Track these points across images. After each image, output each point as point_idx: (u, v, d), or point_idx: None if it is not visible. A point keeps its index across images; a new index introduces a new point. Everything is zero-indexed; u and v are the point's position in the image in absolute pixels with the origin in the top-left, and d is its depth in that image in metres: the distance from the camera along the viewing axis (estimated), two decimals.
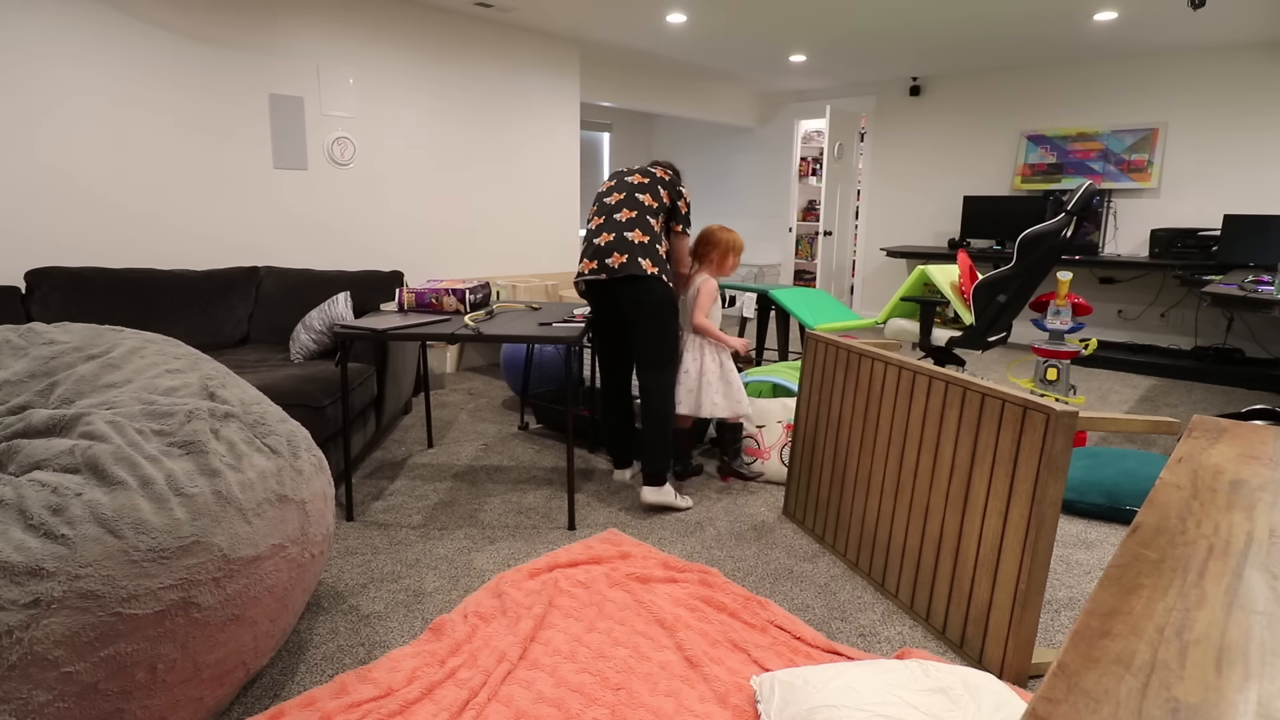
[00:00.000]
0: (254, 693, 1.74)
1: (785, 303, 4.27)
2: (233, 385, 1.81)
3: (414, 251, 4.94)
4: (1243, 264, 5.16)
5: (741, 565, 2.41)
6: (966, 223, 6.51)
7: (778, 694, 1.59)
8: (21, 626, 1.17)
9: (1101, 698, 0.57)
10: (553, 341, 2.47)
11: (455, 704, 1.64)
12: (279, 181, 4.23)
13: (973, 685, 1.52)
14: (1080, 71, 6.16)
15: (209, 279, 3.64)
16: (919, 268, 3.70)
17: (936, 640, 2.01)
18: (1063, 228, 3.17)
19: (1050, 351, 3.43)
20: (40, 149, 3.42)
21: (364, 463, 3.29)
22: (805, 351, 2.74)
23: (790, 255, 8.08)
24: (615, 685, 1.73)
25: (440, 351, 5.00)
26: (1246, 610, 0.72)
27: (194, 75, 3.84)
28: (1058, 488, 1.72)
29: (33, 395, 1.60)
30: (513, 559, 2.42)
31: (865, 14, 4.82)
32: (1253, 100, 5.46)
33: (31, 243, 3.44)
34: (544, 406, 3.73)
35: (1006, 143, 6.61)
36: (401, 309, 2.98)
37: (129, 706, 1.32)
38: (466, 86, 5.05)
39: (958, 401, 1.99)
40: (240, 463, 1.57)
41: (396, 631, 2.00)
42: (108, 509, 1.32)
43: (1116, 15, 4.72)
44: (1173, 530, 0.90)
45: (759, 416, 3.11)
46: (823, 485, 2.59)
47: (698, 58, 6.25)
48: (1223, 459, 1.17)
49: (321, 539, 1.79)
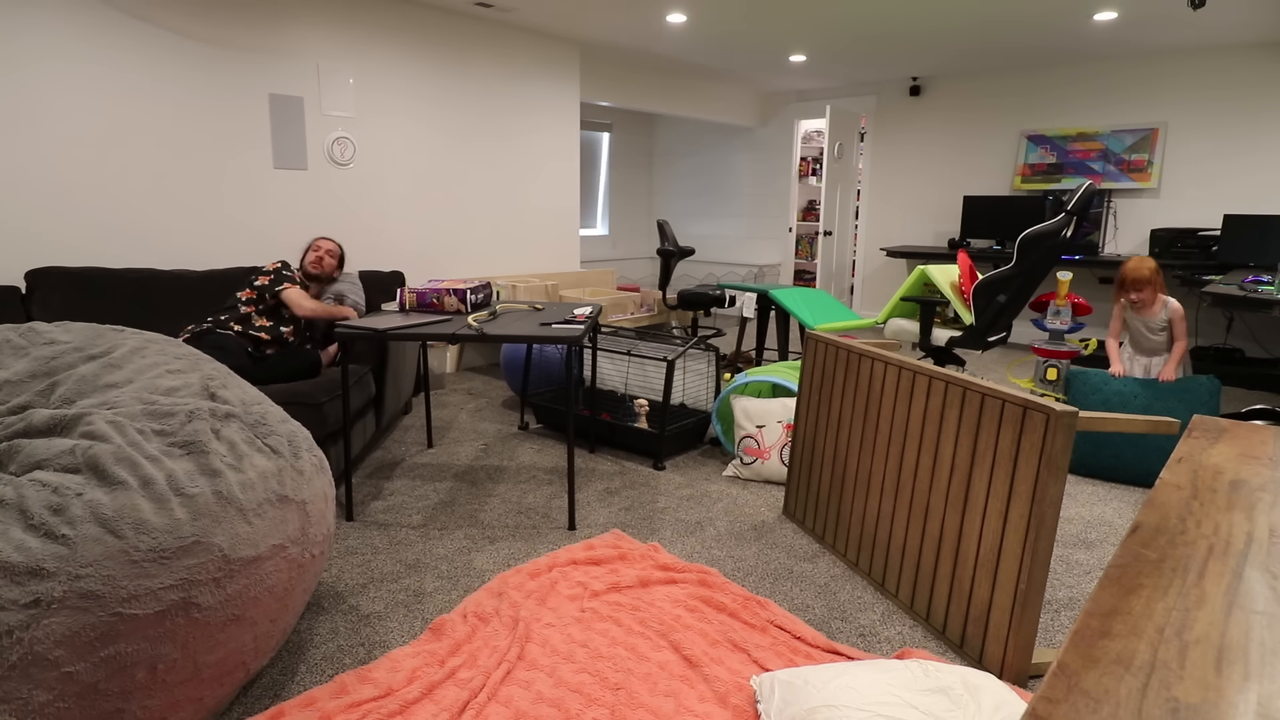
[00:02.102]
0: (254, 693, 1.74)
1: (785, 303, 4.27)
2: (233, 385, 1.81)
3: (414, 251, 4.94)
4: (1243, 264, 5.16)
5: (741, 565, 2.41)
6: (966, 223, 6.52)
7: (778, 694, 1.59)
8: (22, 626, 1.17)
9: (1101, 698, 0.57)
10: (554, 341, 2.47)
11: (455, 704, 1.65)
12: (279, 181, 4.23)
13: (973, 685, 1.52)
14: (1080, 71, 6.16)
15: (209, 279, 3.64)
16: (919, 268, 3.70)
17: (936, 640, 2.01)
18: (1063, 228, 3.17)
19: (1050, 351, 3.43)
20: (40, 149, 3.42)
21: (364, 463, 3.29)
22: (805, 351, 2.74)
23: (790, 255, 8.08)
24: (615, 685, 1.73)
25: (440, 351, 5.00)
26: (1246, 610, 0.72)
27: (194, 75, 3.84)
28: (1058, 488, 1.72)
29: (33, 395, 1.60)
30: (513, 559, 2.42)
31: (865, 14, 4.82)
32: (1253, 100, 5.46)
33: (31, 243, 3.44)
34: (544, 406, 3.73)
35: (1006, 143, 6.61)
36: (403, 309, 2.98)
37: (129, 707, 1.32)
38: (467, 86, 5.05)
39: (958, 401, 1.99)
40: (241, 463, 1.57)
41: (396, 631, 2.00)
42: (108, 509, 1.32)
43: (1116, 15, 4.72)
44: (1173, 530, 0.90)
45: (759, 416, 3.11)
46: (823, 485, 2.59)
47: (698, 58, 6.25)
48: (1223, 459, 1.17)
49: (322, 539, 1.79)
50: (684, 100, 7.13)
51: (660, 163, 9.11)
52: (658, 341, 3.87)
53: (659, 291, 6.14)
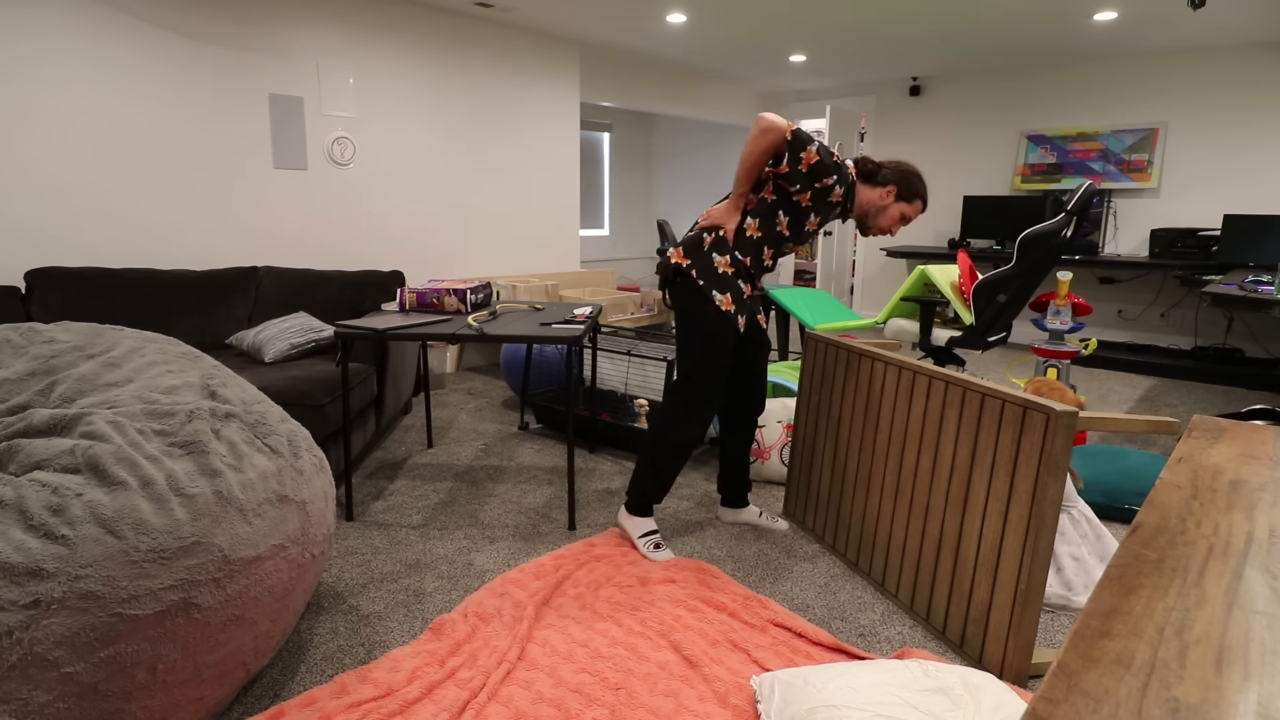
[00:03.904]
0: (254, 693, 1.74)
1: (785, 303, 4.27)
2: (233, 385, 1.81)
3: (414, 251, 4.94)
4: (1243, 264, 5.16)
5: (741, 565, 2.41)
6: (966, 223, 6.51)
7: (778, 694, 1.59)
8: (21, 627, 1.17)
9: (1101, 698, 0.57)
10: (554, 341, 2.47)
11: (455, 704, 1.64)
12: (279, 181, 4.23)
13: (973, 685, 1.52)
14: (1080, 71, 6.16)
15: (209, 279, 3.64)
16: (919, 268, 3.70)
17: (936, 640, 2.01)
18: (1063, 228, 3.17)
19: (1050, 351, 3.43)
20: (40, 149, 3.42)
21: (364, 463, 3.29)
22: (805, 351, 2.74)
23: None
24: (615, 685, 1.73)
25: (440, 351, 5.00)
26: (1246, 610, 0.72)
27: (194, 75, 3.84)
28: (1058, 488, 1.71)
29: (33, 395, 1.60)
30: (513, 559, 2.42)
31: (865, 14, 4.82)
32: (1253, 100, 5.46)
33: (31, 243, 3.44)
34: (544, 406, 3.73)
35: (1006, 143, 6.61)
36: (403, 309, 2.98)
37: (129, 707, 1.32)
38: (467, 86, 5.05)
39: (958, 401, 1.99)
40: (241, 463, 1.57)
41: (396, 631, 2.00)
42: (108, 509, 1.32)
43: (1116, 15, 4.72)
44: (1173, 530, 0.90)
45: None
46: (823, 485, 2.59)
47: (697, 58, 6.25)
48: (1223, 459, 1.17)
49: (322, 539, 1.79)
50: (684, 100, 7.12)
51: (660, 163, 9.10)
52: (658, 341, 3.87)
53: (659, 291, 6.14)
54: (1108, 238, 6.15)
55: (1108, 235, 6.15)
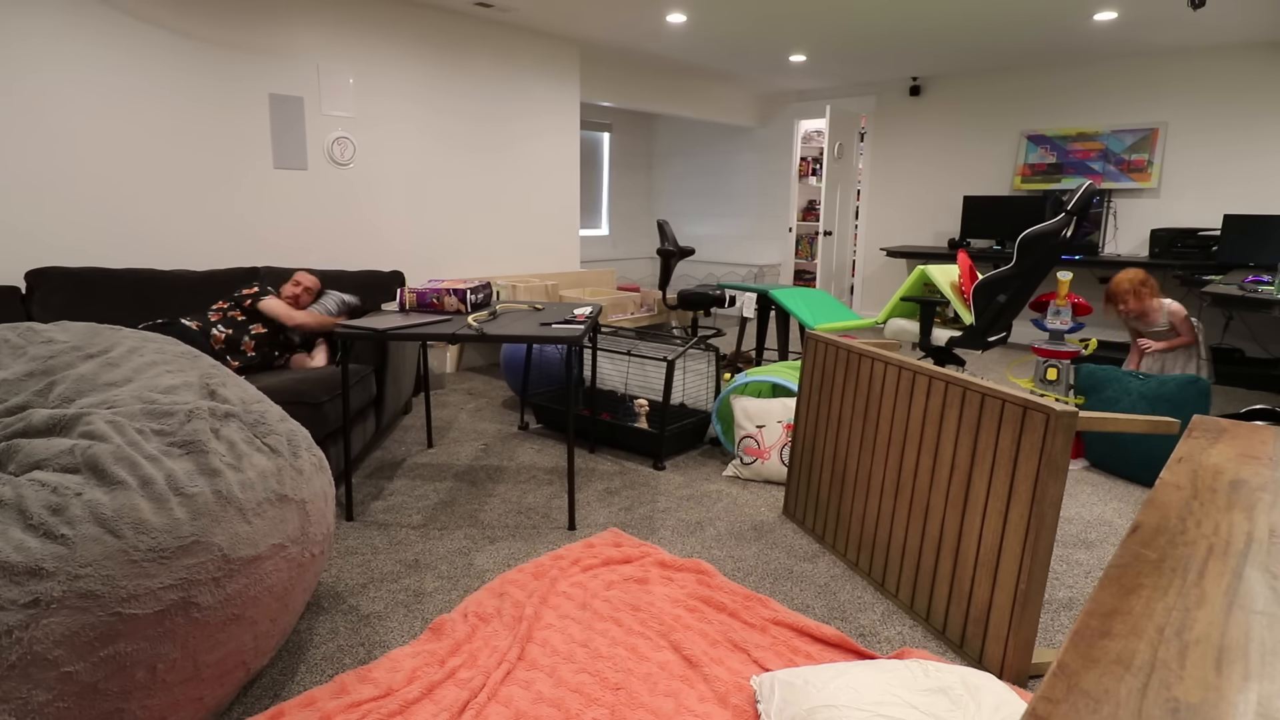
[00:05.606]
0: (254, 693, 1.74)
1: (785, 303, 4.27)
2: (233, 384, 1.81)
3: (414, 251, 4.94)
4: (1243, 264, 5.16)
5: (741, 565, 2.41)
6: (966, 223, 6.51)
7: (778, 694, 1.59)
8: (21, 626, 1.17)
9: (1101, 698, 0.57)
10: (554, 341, 2.47)
11: (455, 704, 1.64)
12: (279, 181, 4.23)
13: (973, 685, 1.52)
14: (1080, 71, 6.16)
15: (209, 279, 3.64)
16: (919, 268, 3.70)
17: (936, 640, 2.01)
18: (1063, 228, 3.17)
19: (1050, 351, 3.43)
20: (40, 149, 3.42)
21: (364, 463, 3.29)
22: (805, 351, 2.74)
23: (790, 255, 8.08)
24: (614, 685, 1.73)
25: (440, 351, 5.00)
26: (1246, 610, 0.72)
27: (194, 75, 3.84)
28: (1058, 488, 1.71)
29: (32, 395, 1.60)
30: (513, 559, 2.42)
31: (865, 14, 4.82)
32: (1253, 100, 5.46)
33: (31, 243, 3.44)
34: (544, 406, 3.73)
35: (1006, 143, 6.61)
36: (403, 309, 2.98)
37: (129, 706, 1.31)
38: (466, 86, 5.05)
39: (958, 401, 1.99)
40: (240, 462, 1.57)
41: (396, 631, 2.00)
42: (108, 509, 1.32)
43: (1116, 15, 4.72)
44: (1173, 530, 0.90)
45: (759, 417, 3.11)
46: (823, 485, 2.59)
47: (698, 58, 6.25)
48: (1223, 459, 1.17)
49: (322, 539, 1.79)
50: (684, 100, 7.12)
51: (660, 163, 9.10)
52: (658, 341, 3.87)
53: (659, 291, 6.14)
54: (1108, 238, 6.15)
55: (1108, 235, 6.15)
